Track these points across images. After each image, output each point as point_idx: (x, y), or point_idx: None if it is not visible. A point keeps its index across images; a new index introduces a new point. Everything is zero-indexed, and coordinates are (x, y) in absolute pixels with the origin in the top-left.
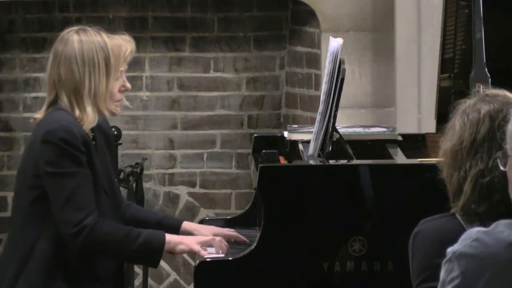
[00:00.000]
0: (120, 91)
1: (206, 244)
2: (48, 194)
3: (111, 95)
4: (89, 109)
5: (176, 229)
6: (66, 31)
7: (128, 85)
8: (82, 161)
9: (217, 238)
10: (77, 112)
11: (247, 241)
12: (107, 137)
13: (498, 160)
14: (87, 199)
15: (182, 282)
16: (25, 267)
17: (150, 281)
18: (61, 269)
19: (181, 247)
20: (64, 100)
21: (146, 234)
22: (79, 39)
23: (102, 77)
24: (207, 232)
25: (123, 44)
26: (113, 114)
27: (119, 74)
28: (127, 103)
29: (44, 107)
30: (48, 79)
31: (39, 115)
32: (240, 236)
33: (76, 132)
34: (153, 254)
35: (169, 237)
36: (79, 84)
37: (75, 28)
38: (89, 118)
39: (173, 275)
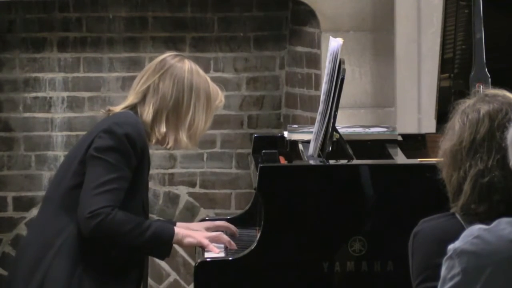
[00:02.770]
0: None
1: (214, 240)
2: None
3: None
4: (182, 135)
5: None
6: (173, 54)
7: None
8: (131, 164)
9: (224, 235)
10: (163, 129)
11: (237, 234)
12: (149, 162)
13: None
14: (116, 196)
15: (182, 282)
16: (48, 251)
17: (150, 281)
18: (88, 260)
19: (189, 239)
20: (147, 111)
21: (156, 226)
22: (190, 67)
23: (202, 113)
24: (199, 227)
25: (219, 93)
26: (168, 148)
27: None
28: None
29: (122, 105)
30: (142, 83)
31: (115, 108)
32: (231, 226)
33: (142, 134)
34: (161, 246)
35: (177, 229)
36: (181, 107)
37: (182, 55)
38: (178, 143)
39: (173, 275)
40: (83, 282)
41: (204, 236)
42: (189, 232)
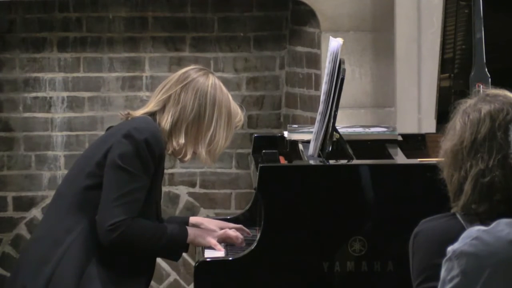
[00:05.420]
0: None
1: (222, 239)
2: (103, 184)
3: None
4: (202, 149)
5: (185, 224)
6: (198, 67)
7: None
8: (150, 170)
9: (230, 231)
10: (181, 140)
11: (250, 234)
12: (164, 168)
13: None
14: (135, 206)
15: (182, 282)
16: (57, 248)
17: None
18: (98, 258)
19: (199, 239)
20: (166, 119)
21: (171, 230)
22: (214, 82)
23: (223, 130)
24: (214, 225)
25: (239, 112)
26: (183, 160)
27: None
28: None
29: (141, 111)
30: (163, 92)
31: (134, 112)
32: (245, 228)
33: (161, 140)
34: (176, 249)
35: (190, 231)
36: (202, 121)
37: (207, 69)
38: (196, 157)
39: (173, 275)
40: (93, 280)
41: (212, 236)
42: (200, 232)
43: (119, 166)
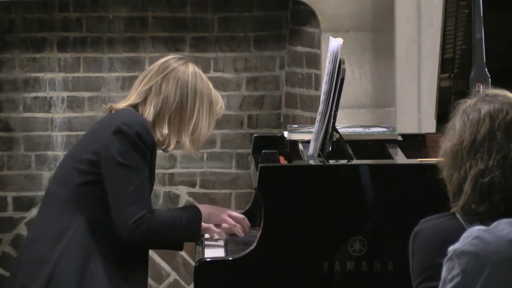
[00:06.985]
0: None
1: (235, 219)
2: (105, 183)
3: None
4: (185, 139)
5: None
6: (177, 56)
7: None
8: (147, 161)
9: (246, 221)
10: (165, 131)
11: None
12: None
13: None
14: (148, 197)
15: (182, 282)
16: (55, 248)
17: (150, 281)
18: (98, 255)
19: (214, 217)
20: (149, 111)
21: (186, 213)
22: (194, 71)
23: (206, 118)
24: (223, 213)
25: (220, 100)
26: (166, 150)
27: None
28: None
29: (124, 103)
30: (144, 84)
31: (117, 105)
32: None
33: (150, 130)
34: (195, 230)
35: (202, 209)
36: (185, 110)
37: (186, 58)
38: (180, 146)
39: (173, 275)
40: (95, 277)
41: (227, 214)
42: (212, 209)
43: (120, 164)
